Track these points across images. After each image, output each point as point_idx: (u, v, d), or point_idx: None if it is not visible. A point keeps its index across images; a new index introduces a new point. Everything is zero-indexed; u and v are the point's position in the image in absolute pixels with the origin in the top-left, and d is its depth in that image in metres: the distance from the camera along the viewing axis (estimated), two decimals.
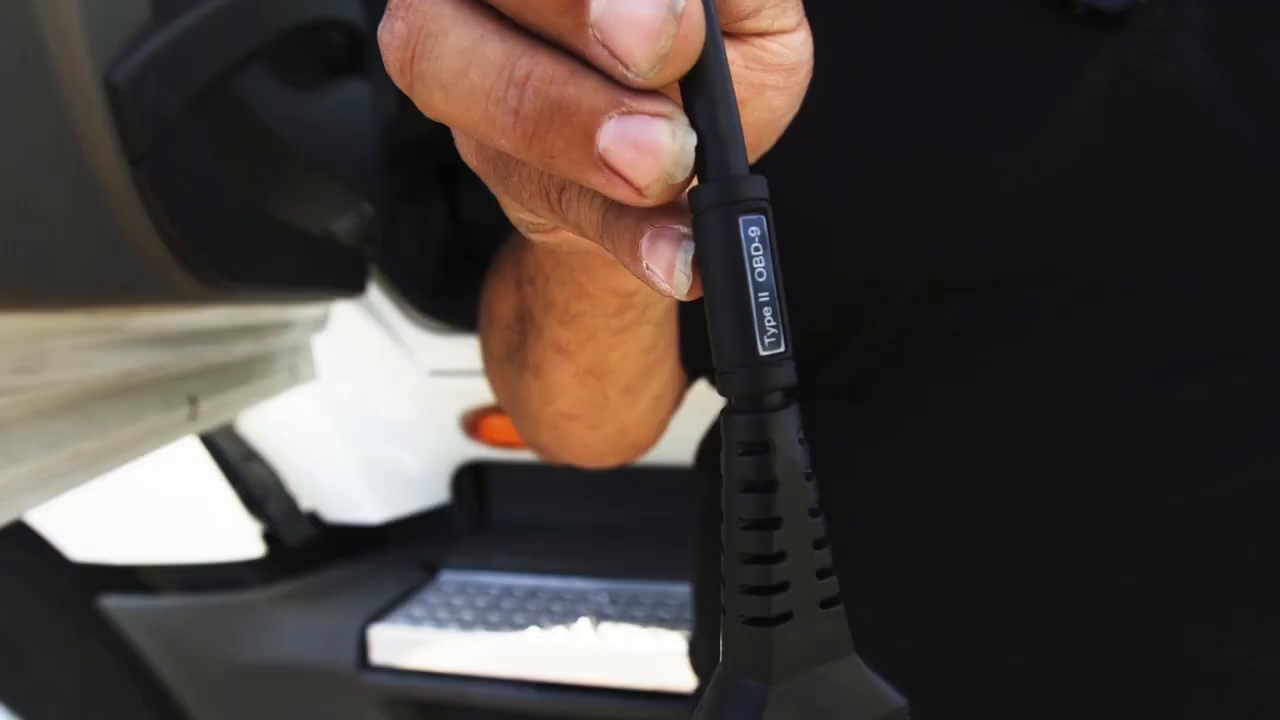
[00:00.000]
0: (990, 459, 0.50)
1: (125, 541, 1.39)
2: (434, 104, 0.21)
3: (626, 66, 0.19)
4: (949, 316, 0.51)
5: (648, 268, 0.22)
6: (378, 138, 0.99)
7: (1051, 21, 0.50)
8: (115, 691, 1.43)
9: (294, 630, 1.34)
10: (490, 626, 1.30)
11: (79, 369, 0.55)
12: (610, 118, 0.20)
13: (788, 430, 0.20)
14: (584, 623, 1.30)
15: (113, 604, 1.38)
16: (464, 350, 1.54)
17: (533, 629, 1.29)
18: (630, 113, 0.20)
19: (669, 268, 0.21)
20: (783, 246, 0.52)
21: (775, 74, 0.26)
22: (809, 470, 0.21)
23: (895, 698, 0.22)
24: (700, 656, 0.72)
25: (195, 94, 0.53)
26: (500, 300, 0.63)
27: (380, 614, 1.34)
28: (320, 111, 0.78)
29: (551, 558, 1.47)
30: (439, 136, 1.37)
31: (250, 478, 1.42)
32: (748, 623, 0.20)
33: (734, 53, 0.25)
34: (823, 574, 0.21)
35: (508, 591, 1.40)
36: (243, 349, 0.92)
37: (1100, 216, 0.48)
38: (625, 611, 1.32)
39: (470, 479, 1.60)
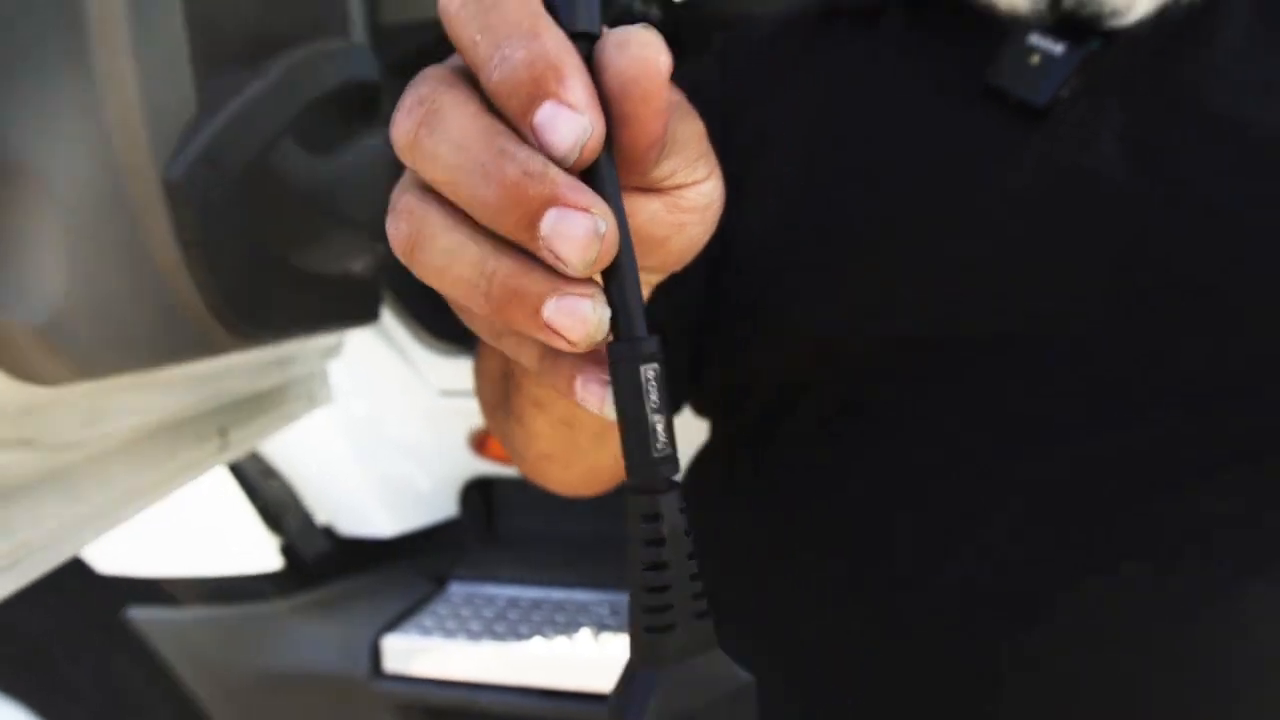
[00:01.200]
0: (925, 496, 0.57)
1: (150, 555, 1.46)
2: (429, 280, 0.29)
3: (565, 265, 0.27)
4: (895, 373, 0.57)
5: (581, 400, 0.31)
6: (390, 173, 1.06)
7: (988, 112, 0.57)
8: (139, 698, 1.50)
9: (311, 640, 1.41)
10: (497, 636, 1.36)
11: (131, 416, 0.62)
12: (552, 297, 0.28)
13: (673, 505, 0.30)
14: (585, 633, 1.37)
15: (138, 614, 1.45)
16: (469, 369, 1.61)
17: (537, 638, 1.35)
18: (566, 295, 0.28)
19: (599, 403, 0.31)
20: (754, 308, 0.59)
21: (691, 214, 0.34)
22: (687, 529, 0.30)
23: (745, 676, 0.32)
24: None
25: (237, 176, 0.59)
26: (487, 357, 0.71)
27: (392, 624, 1.41)
28: (342, 166, 0.84)
29: (555, 570, 1.53)
30: None
31: (269, 494, 1.48)
32: (646, 630, 0.30)
33: (658, 202, 0.33)
34: (696, 596, 0.30)
35: (513, 602, 1.47)
36: (266, 381, 0.98)
37: (1027, 286, 0.54)
38: (625, 622, 1.39)
39: (478, 494, 1.67)
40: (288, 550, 1.50)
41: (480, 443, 1.63)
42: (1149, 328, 0.52)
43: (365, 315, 1.09)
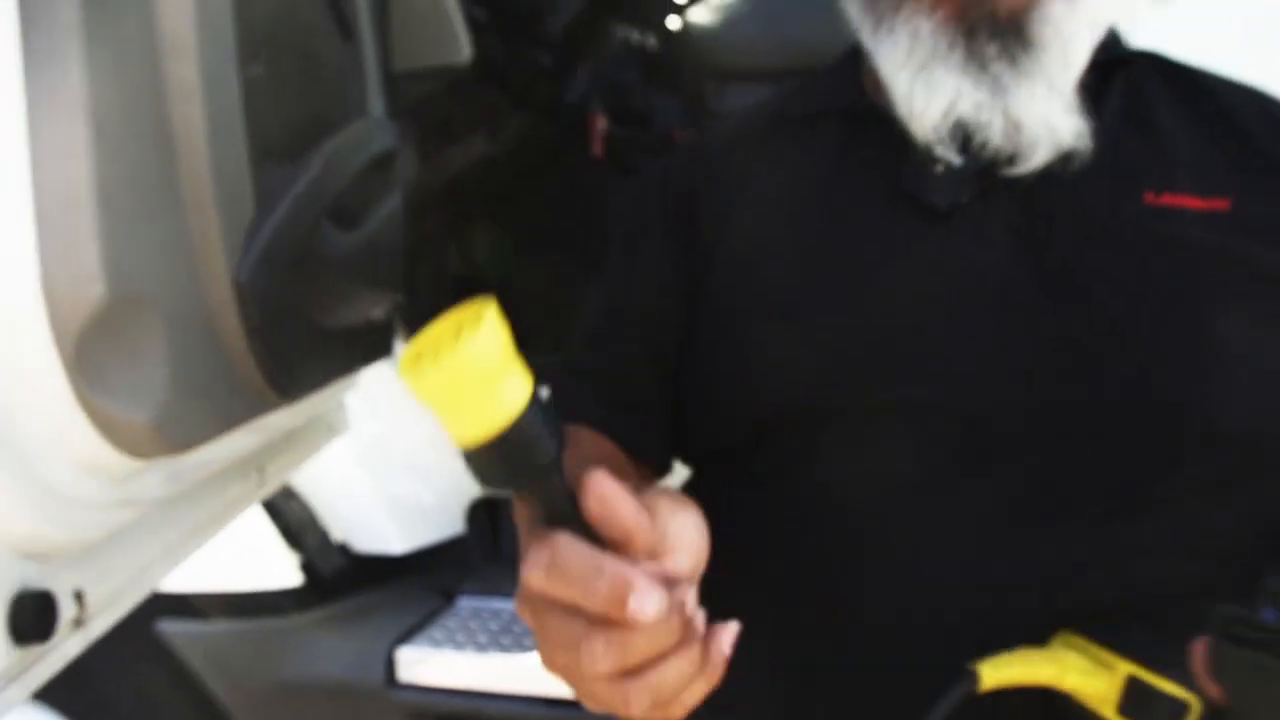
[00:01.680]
0: (835, 530, 0.67)
1: (179, 572, 1.56)
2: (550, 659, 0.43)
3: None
4: (823, 432, 0.68)
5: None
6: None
7: (900, 213, 0.68)
8: (169, 707, 1.60)
9: (329, 651, 1.51)
10: (503, 648, 1.46)
11: (200, 469, 0.72)
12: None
13: None
14: None
15: (168, 628, 1.55)
16: None
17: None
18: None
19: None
20: (712, 375, 0.70)
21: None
22: None
23: None
24: None
25: (289, 265, 0.70)
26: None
27: (405, 636, 1.51)
28: (367, 235, 0.94)
29: None
30: (451, 191, 1.58)
31: (289, 514, 1.59)
32: None
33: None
34: None
35: (517, 616, 1.57)
36: (297, 420, 1.09)
37: (932, 360, 0.65)
38: None
39: (483, 512, 1.77)
40: (307, 567, 1.60)
41: None
42: (1029, 390, 0.63)
43: (382, 352, 1.20)
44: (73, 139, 0.43)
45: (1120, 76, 0.71)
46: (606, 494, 0.41)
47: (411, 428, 1.71)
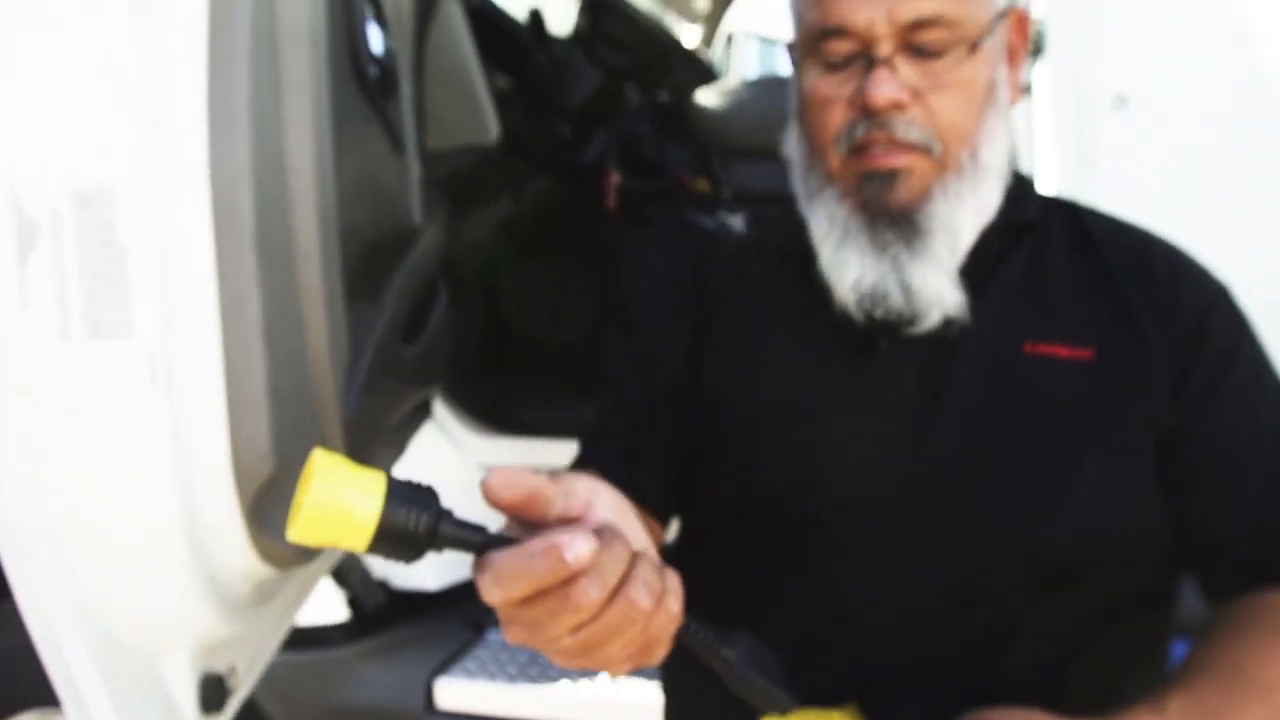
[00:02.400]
0: (784, 596, 0.83)
1: None
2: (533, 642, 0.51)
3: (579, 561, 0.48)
4: (781, 522, 0.83)
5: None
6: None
7: (841, 350, 0.84)
8: None
9: (374, 681, 1.68)
10: (531, 679, 1.64)
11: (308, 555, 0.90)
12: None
13: None
14: (604, 675, 1.65)
15: None
16: (506, 448, 1.89)
17: (564, 680, 1.63)
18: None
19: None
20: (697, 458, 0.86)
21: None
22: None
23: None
24: None
25: (374, 389, 0.87)
26: None
27: (441, 668, 1.68)
28: (426, 342, 1.12)
29: None
30: (484, 246, 1.78)
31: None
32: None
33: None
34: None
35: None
36: None
37: (848, 474, 0.81)
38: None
39: None
40: (353, 602, 1.77)
41: None
42: (930, 497, 0.79)
43: (424, 417, 1.38)
44: (251, 359, 0.60)
45: (1028, 238, 0.86)
46: (502, 474, 0.50)
47: (440, 470, 1.88)
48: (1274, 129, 1.42)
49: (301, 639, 1.73)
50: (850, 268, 0.80)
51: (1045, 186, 1.49)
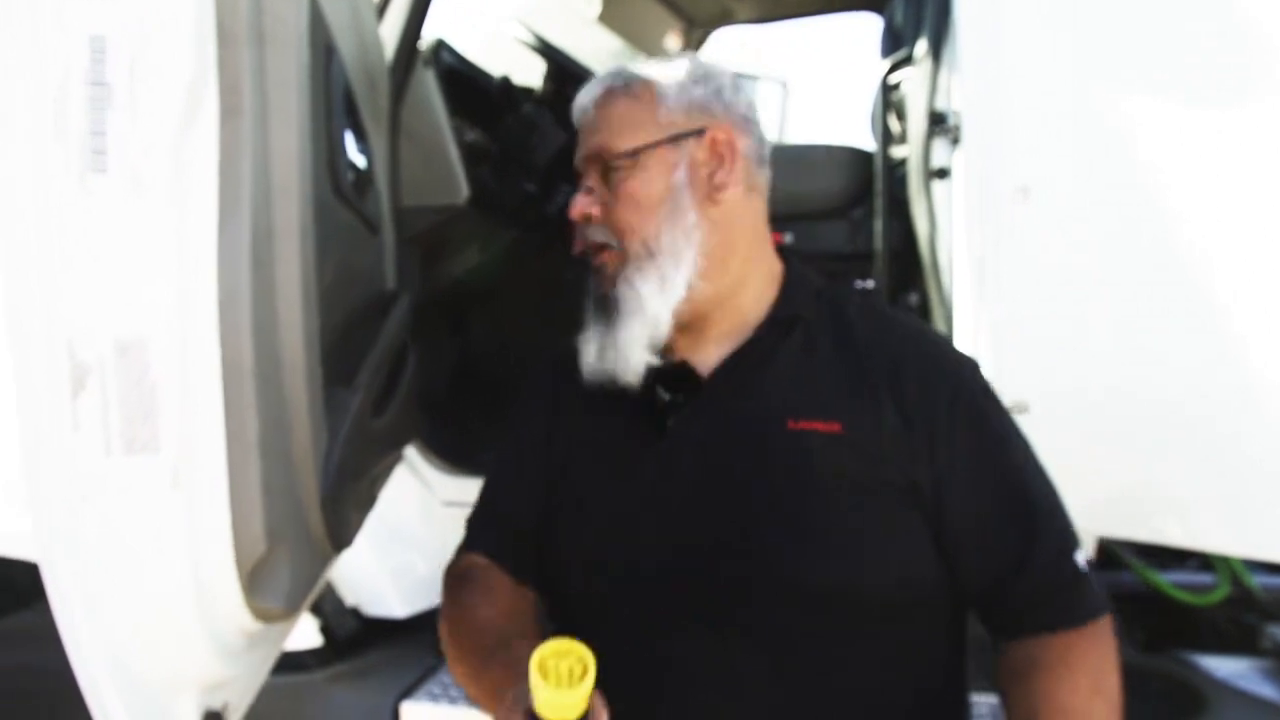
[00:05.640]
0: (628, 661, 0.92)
1: None
2: None
3: None
4: (584, 599, 0.99)
5: None
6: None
7: (640, 435, 1.00)
8: None
9: (345, 705, 1.82)
10: None
11: None
12: None
13: None
14: None
15: None
16: (471, 487, 2.03)
17: None
18: None
19: None
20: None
21: None
22: None
23: None
24: None
25: (349, 467, 1.02)
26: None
27: (408, 692, 1.83)
28: (394, 412, 1.27)
29: None
30: (453, 293, 1.94)
31: None
32: None
33: None
34: None
35: None
36: None
37: (650, 544, 0.96)
38: None
39: None
40: (325, 630, 1.91)
41: None
42: (704, 560, 0.94)
43: (392, 471, 1.53)
44: (248, 467, 0.76)
45: (800, 327, 1.02)
46: None
47: (408, 507, 2.02)
48: (1171, 219, 1.55)
49: (277, 663, 1.87)
50: (591, 343, 1.00)
51: (958, 267, 1.65)
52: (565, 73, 2.25)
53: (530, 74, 2.45)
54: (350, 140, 1.28)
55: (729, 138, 1.01)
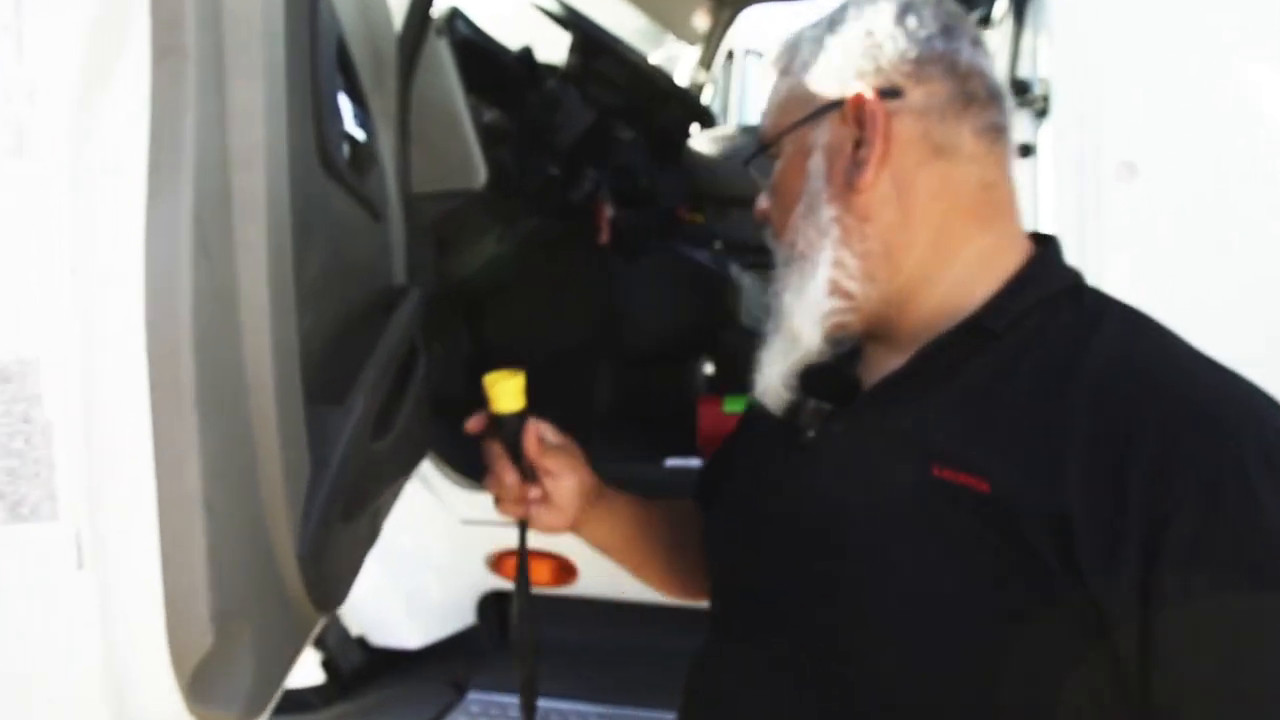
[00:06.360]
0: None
1: None
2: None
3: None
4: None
5: None
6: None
7: (792, 447, 0.85)
8: None
9: None
10: None
11: None
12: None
13: None
14: None
15: None
16: (489, 502, 1.83)
17: None
18: None
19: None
20: None
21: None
22: None
23: None
24: None
25: (338, 514, 0.82)
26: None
27: None
28: (396, 433, 1.07)
29: (561, 682, 1.76)
30: (467, 287, 1.75)
31: None
32: None
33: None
34: None
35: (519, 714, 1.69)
36: None
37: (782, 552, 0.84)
38: None
39: (493, 605, 1.90)
40: (328, 664, 1.72)
41: (496, 563, 1.86)
42: (782, 589, 0.81)
43: (395, 500, 1.32)
44: (189, 531, 0.55)
45: (991, 347, 0.76)
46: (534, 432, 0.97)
47: (428, 529, 1.83)
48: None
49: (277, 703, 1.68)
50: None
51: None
52: (593, 44, 2.04)
53: (553, 49, 2.26)
54: (348, 109, 1.08)
55: (876, 97, 0.77)
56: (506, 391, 0.99)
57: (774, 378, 0.84)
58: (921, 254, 0.79)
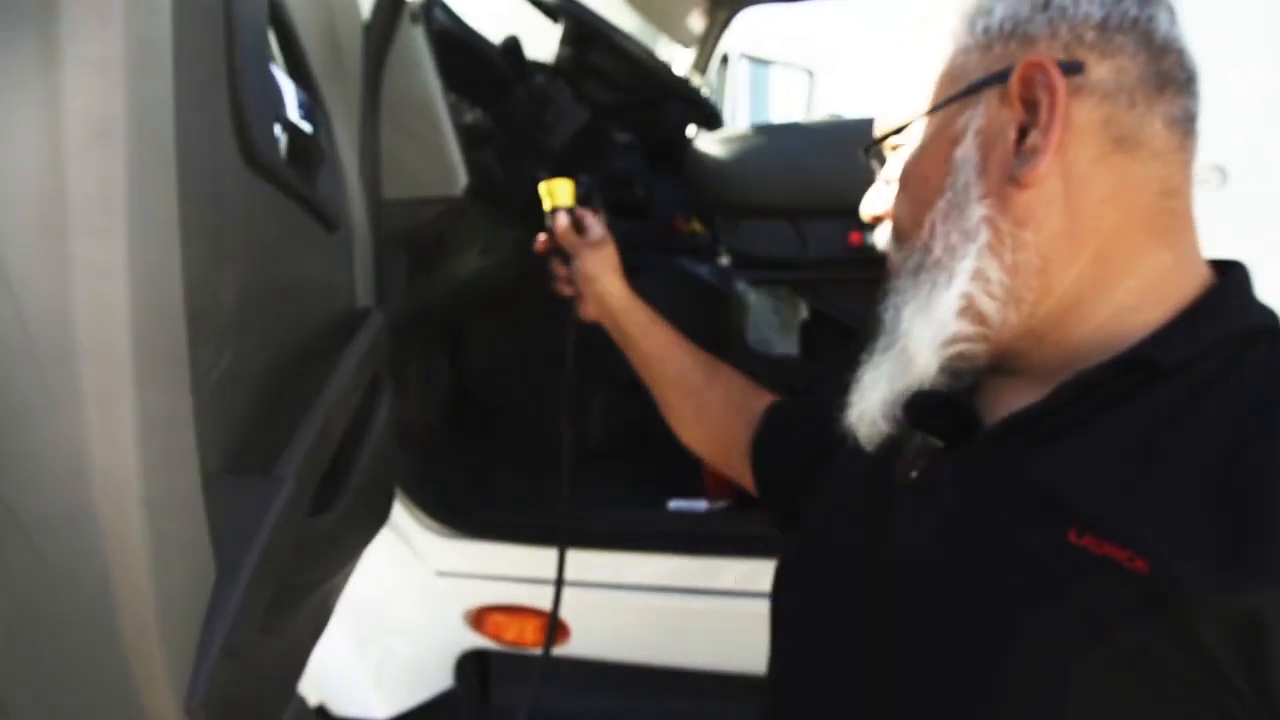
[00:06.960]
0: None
1: None
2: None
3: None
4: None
5: None
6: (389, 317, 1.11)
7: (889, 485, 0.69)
8: None
9: None
10: None
11: None
12: None
13: None
14: None
15: None
16: (468, 552, 1.61)
17: None
18: None
19: None
20: None
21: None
22: None
23: None
24: None
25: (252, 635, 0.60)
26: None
27: None
28: (347, 502, 0.85)
29: None
30: (445, 307, 1.59)
31: None
32: None
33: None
34: None
35: None
36: None
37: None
38: None
39: (472, 665, 1.67)
40: None
41: (477, 620, 1.63)
42: (849, 649, 0.69)
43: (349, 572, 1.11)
44: None
45: (1157, 388, 0.60)
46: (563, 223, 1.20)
47: (400, 584, 1.61)
48: None
49: None
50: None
51: None
52: (587, 33, 1.83)
53: (541, 44, 2.06)
54: (290, 92, 0.86)
55: (1051, 67, 0.60)
56: (557, 190, 1.26)
57: (874, 404, 0.69)
58: (1081, 273, 0.62)
